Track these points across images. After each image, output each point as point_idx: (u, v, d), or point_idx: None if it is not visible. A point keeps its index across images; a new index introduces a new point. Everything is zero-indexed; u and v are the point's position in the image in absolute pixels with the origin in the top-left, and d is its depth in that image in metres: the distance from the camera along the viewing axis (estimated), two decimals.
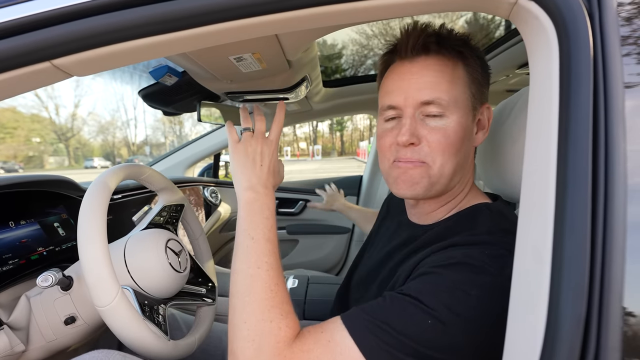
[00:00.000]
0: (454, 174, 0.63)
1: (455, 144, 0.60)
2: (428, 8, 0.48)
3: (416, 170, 0.62)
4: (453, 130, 0.60)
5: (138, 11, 0.45)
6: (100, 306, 0.63)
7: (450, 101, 0.60)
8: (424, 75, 0.61)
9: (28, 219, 0.92)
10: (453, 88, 0.60)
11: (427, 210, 0.70)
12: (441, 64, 0.61)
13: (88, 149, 63.14)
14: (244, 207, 0.63)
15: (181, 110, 1.42)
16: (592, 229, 0.36)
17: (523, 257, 0.42)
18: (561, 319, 0.35)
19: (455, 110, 0.60)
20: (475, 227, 0.60)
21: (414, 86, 0.61)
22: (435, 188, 0.63)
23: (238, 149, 0.69)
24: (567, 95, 0.39)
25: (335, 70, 2.11)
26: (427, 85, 0.60)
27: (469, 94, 0.62)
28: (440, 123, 0.60)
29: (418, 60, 0.62)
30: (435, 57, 0.61)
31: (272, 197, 0.66)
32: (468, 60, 0.62)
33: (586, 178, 0.36)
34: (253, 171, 0.66)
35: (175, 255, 0.84)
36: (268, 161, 0.68)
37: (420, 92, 0.60)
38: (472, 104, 0.62)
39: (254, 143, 0.68)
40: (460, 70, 0.62)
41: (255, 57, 0.86)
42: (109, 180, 0.72)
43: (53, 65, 0.46)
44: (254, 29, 0.49)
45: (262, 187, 0.65)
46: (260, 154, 0.68)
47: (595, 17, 0.39)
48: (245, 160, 0.67)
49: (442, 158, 0.60)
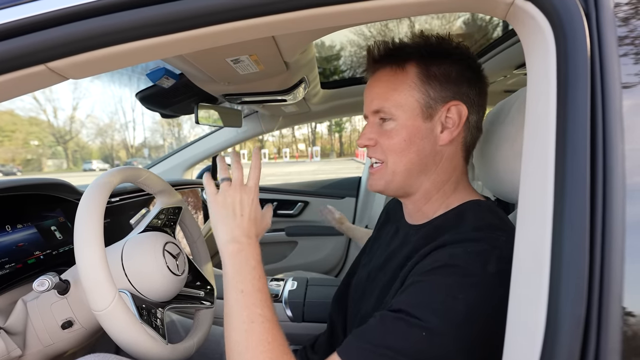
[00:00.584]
0: (408, 172, 0.67)
1: (401, 144, 0.65)
2: (424, 9, 0.48)
3: (376, 174, 0.70)
4: (397, 132, 0.66)
5: (133, 13, 0.44)
6: (97, 310, 0.62)
7: (392, 107, 0.65)
8: (374, 87, 0.69)
9: (25, 222, 0.92)
10: (396, 94, 0.66)
11: (411, 209, 0.73)
12: (388, 74, 0.67)
13: (86, 151, 63.06)
14: (228, 260, 0.62)
15: (179, 113, 1.42)
16: (590, 229, 0.35)
17: (522, 258, 0.42)
18: (560, 320, 0.34)
19: (401, 113, 0.65)
20: (462, 224, 0.62)
21: (368, 98, 0.70)
22: (394, 185, 0.69)
23: (217, 201, 0.67)
24: (565, 96, 0.38)
25: (334, 72, 2.11)
26: (375, 97, 0.68)
27: (418, 96, 0.65)
28: (387, 126, 0.67)
29: (375, 74, 0.70)
30: (384, 68, 0.68)
31: (256, 246, 0.65)
32: (419, 62, 0.66)
33: (584, 178, 0.36)
34: (234, 222, 0.65)
35: (173, 258, 0.84)
36: (248, 210, 0.66)
37: (371, 103, 0.69)
38: (423, 106, 0.65)
39: (232, 193, 0.67)
40: (410, 75, 0.66)
41: (252, 59, 0.86)
42: (106, 184, 0.72)
43: (48, 68, 0.46)
44: (250, 30, 0.49)
45: (245, 238, 0.64)
46: (240, 204, 0.66)
47: (592, 17, 0.39)
48: (224, 211, 0.66)
49: (392, 157, 0.67)
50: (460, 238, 0.57)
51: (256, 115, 2.06)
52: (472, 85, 0.66)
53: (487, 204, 0.66)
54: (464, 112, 0.65)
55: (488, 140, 0.73)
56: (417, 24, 2.15)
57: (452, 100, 0.65)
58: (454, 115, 0.65)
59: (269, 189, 2.42)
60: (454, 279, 0.51)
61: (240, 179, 0.69)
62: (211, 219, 0.67)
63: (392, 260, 0.70)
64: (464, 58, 0.67)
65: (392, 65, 0.67)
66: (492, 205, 0.66)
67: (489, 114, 0.78)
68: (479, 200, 0.67)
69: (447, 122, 0.66)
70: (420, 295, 0.53)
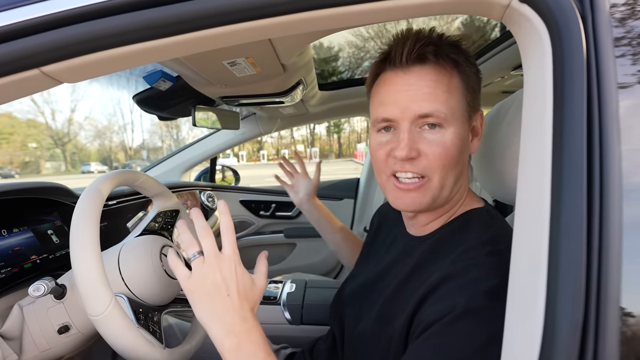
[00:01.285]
0: (454, 184, 0.61)
1: (455, 157, 0.58)
2: (421, 11, 0.48)
3: (418, 192, 0.60)
4: (452, 143, 0.58)
5: (128, 17, 0.44)
6: (93, 315, 0.62)
7: (448, 113, 0.57)
8: (421, 87, 0.58)
9: (21, 226, 0.91)
10: (450, 99, 0.58)
11: (424, 222, 0.68)
12: (438, 73, 0.58)
13: (85, 153, 62.96)
14: (228, 359, 0.53)
15: (176, 115, 1.42)
16: (588, 232, 0.35)
17: (519, 263, 0.42)
18: (558, 326, 0.34)
19: (453, 122, 0.58)
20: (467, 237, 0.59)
21: (411, 98, 0.58)
22: (438, 202, 0.62)
23: (192, 286, 0.55)
24: (561, 98, 0.38)
25: (332, 73, 2.11)
26: (424, 97, 0.57)
27: (464, 103, 0.60)
28: (438, 136, 0.58)
29: (413, 69, 0.59)
30: (431, 66, 0.58)
31: (257, 329, 0.54)
32: (463, 68, 0.60)
33: (581, 180, 0.36)
34: (221, 307, 0.54)
35: None
36: (234, 285, 0.55)
37: (418, 105, 0.57)
38: (468, 113, 0.60)
39: (208, 270, 0.54)
40: (456, 79, 0.59)
41: (249, 61, 0.86)
42: (102, 187, 0.71)
43: (42, 73, 0.46)
44: (246, 33, 0.48)
45: (240, 324, 0.53)
46: (223, 281, 0.54)
47: (588, 19, 0.39)
48: (206, 297, 0.54)
49: (442, 171, 0.59)
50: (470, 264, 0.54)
51: (254, 117, 2.06)
52: (480, 93, 0.65)
53: (487, 212, 0.64)
54: (483, 121, 0.65)
55: (486, 142, 0.72)
56: (414, 25, 2.16)
57: (479, 109, 0.64)
58: (478, 124, 0.64)
59: (267, 190, 2.42)
60: (475, 329, 0.48)
61: (214, 250, 0.56)
62: (193, 309, 0.55)
63: (392, 271, 0.69)
64: (476, 66, 0.64)
65: (440, 64, 0.58)
66: (492, 212, 0.65)
67: (487, 115, 0.78)
68: (479, 208, 0.65)
69: (474, 131, 0.64)
70: (442, 351, 0.48)
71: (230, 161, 35.15)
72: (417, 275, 0.61)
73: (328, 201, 2.40)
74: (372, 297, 0.70)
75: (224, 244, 0.57)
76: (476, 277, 0.52)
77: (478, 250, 0.56)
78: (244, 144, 3.07)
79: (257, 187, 2.43)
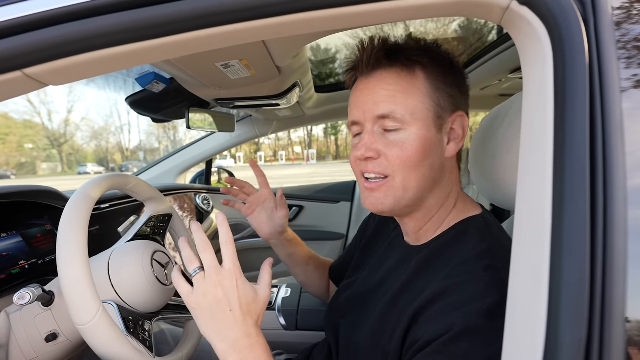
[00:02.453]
0: (421, 187, 0.61)
1: (414, 157, 0.59)
2: (418, 13, 0.46)
3: (380, 191, 0.61)
4: (411, 144, 0.58)
5: (115, 17, 0.43)
6: (79, 324, 0.60)
7: (406, 113, 0.58)
8: (379, 90, 0.60)
9: (9, 231, 0.89)
10: (409, 100, 0.59)
11: (412, 228, 0.67)
12: (396, 76, 0.60)
13: (81, 154, 62.70)
14: None
15: (170, 117, 1.40)
16: (591, 242, 0.34)
17: (519, 276, 0.40)
18: (560, 344, 0.33)
19: (413, 123, 0.59)
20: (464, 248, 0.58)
21: (370, 101, 0.60)
22: (402, 204, 0.61)
23: (194, 303, 0.55)
24: (563, 102, 0.37)
25: (330, 75, 2.10)
26: (381, 99, 0.59)
27: (429, 103, 0.60)
28: (398, 137, 0.59)
29: (374, 74, 0.61)
30: (389, 69, 0.60)
31: (261, 344, 0.55)
32: (428, 68, 0.60)
33: (584, 188, 0.35)
34: (225, 323, 0.54)
35: (162, 267, 0.81)
36: (236, 299, 0.55)
37: (376, 107, 0.60)
38: (435, 113, 0.60)
39: (209, 286, 0.55)
40: (419, 80, 0.60)
41: (243, 63, 0.85)
42: (92, 192, 0.70)
43: (25, 75, 0.44)
44: (239, 35, 0.47)
45: (244, 339, 0.54)
46: (225, 296, 0.54)
47: (590, 22, 0.38)
48: (209, 313, 0.54)
49: (402, 172, 0.59)
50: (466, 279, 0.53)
51: (250, 119, 2.04)
52: (466, 96, 0.65)
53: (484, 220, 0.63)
54: (465, 123, 0.63)
55: (484, 146, 0.71)
56: (412, 28, 2.15)
57: (457, 110, 0.62)
58: (458, 126, 0.63)
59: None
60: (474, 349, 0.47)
61: (214, 264, 0.56)
62: (197, 324, 0.56)
63: (388, 280, 0.67)
64: (460, 68, 0.64)
65: (398, 66, 0.60)
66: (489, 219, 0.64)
67: (484, 119, 0.77)
68: (476, 216, 0.64)
69: (452, 134, 0.63)
70: None
71: (228, 163, 35.10)
72: (412, 286, 0.60)
73: (324, 204, 2.39)
74: (369, 306, 0.68)
75: (224, 257, 0.57)
76: (474, 294, 0.51)
77: (474, 264, 0.54)
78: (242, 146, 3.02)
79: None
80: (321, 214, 2.36)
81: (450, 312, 0.50)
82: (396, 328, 0.57)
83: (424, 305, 0.54)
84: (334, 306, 0.81)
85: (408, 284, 0.61)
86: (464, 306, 0.50)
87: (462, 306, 0.50)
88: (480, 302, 0.49)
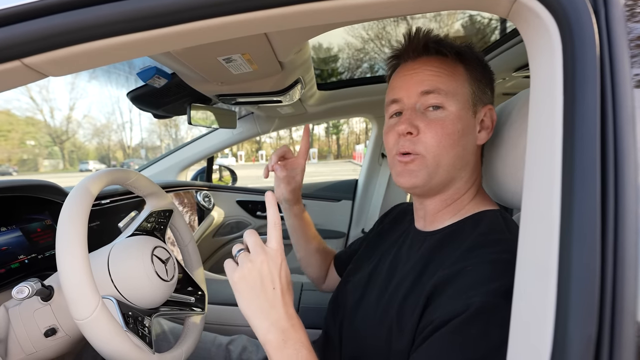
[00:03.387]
0: (452, 165, 0.63)
1: (452, 135, 0.61)
2: (424, 7, 0.45)
3: (414, 164, 0.63)
4: (450, 121, 0.61)
5: (115, 7, 0.42)
6: (78, 319, 0.59)
7: (449, 91, 0.62)
8: (424, 70, 0.64)
9: (9, 225, 0.89)
10: (452, 80, 0.63)
11: (431, 210, 0.69)
12: (441, 62, 0.64)
13: (83, 152, 62.80)
14: (274, 355, 0.52)
15: (172, 113, 1.40)
16: (602, 239, 0.33)
17: (525, 272, 0.39)
18: (569, 341, 0.32)
19: (454, 102, 0.62)
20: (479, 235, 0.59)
21: (415, 79, 0.64)
22: (435, 180, 0.64)
23: (239, 280, 0.55)
24: (572, 98, 0.36)
25: (331, 74, 2.09)
26: (427, 77, 0.63)
27: (469, 89, 0.64)
28: (438, 114, 0.62)
29: (420, 59, 0.66)
30: (435, 56, 0.65)
31: (302, 327, 0.55)
32: (468, 61, 0.65)
33: (594, 186, 0.34)
34: (267, 302, 0.54)
35: (162, 263, 0.81)
36: (279, 279, 0.55)
37: (420, 84, 0.63)
38: (472, 100, 0.64)
39: (254, 265, 0.55)
40: (460, 68, 0.65)
41: (245, 58, 0.84)
42: (92, 186, 0.69)
43: (24, 65, 0.43)
44: (241, 26, 0.46)
45: (286, 320, 0.53)
46: (269, 273, 0.54)
47: (601, 14, 0.37)
48: (251, 291, 0.54)
49: (437, 149, 0.61)
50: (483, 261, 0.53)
51: (252, 117, 2.03)
52: (493, 95, 0.69)
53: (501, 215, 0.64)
54: (494, 116, 0.67)
55: (489, 144, 0.71)
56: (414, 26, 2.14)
57: (489, 104, 0.67)
58: (488, 119, 0.66)
59: (264, 191, 2.39)
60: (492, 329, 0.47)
61: (259, 243, 0.57)
62: (238, 303, 0.55)
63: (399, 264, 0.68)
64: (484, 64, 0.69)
65: (444, 54, 0.65)
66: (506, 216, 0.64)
67: None
68: (493, 210, 0.65)
69: (482, 124, 0.66)
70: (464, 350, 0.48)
71: (229, 161, 35.12)
72: (425, 268, 0.61)
73: (326, 202, 2.38)
74: (377, 289, 0.69)
75: (270, 237, 0.58)
76: (491, 275, 0.51)
77: (492, 248, 0.55)
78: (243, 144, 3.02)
79: (254, 188, 2.41)
80: (322, 212, 2.35)
81: (467, 291, 0.51)
82: (409, 309, 0.57)
83: (439, 284, 0.54)
84: (341, 291, 0.81)
85: (421, 266, 0.62)
86: (482, 286, 0.50)
87: (480, 286, 0.50)
88: (497, 282, 0.49)
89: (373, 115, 2.18)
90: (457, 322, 0.49)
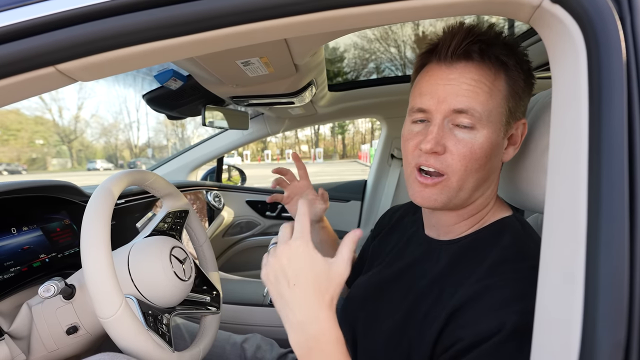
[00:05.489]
0: (475, 188, 0.59)
1: (480, 160, 0.56)
2: (445, 11, 0.46)
3: (436, 188, 0.59)
4: (480, 146, 0.56)
5: (145, 15, 0.43)
6: (103, 317, 0.61)
7: (483, 114, 0.55)
8: (461, 83, 0.56)
9: (30, 225, 0.91)
10: (489, 101, 0.56)
11: (446, 222, 0.65)
12: (481, 73, 0.56)
13: (91, 151, 63.42)
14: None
15: (186, 114, 1.41)
16: (630, 246, 0.33)
17: (549, 276, 0.39)
18: (598, 347, 0.32)
19: (487, 125, 0.56)
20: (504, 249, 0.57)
21: (449, 92, 0.56)
22: (454, 202, 0.60)
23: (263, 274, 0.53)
24: (598, 102, 0.36)
25: (337, 74, 2.09)
26: (462, 93, 0.55)
27: (505, 108, 0.57)
28: (468, 136, 0.56)
29: (457, 65, 0.57)
30: (476, 64, 0.56)
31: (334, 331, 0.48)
32: (511, 72, 0.57)
33: (622, 189, 0.34)
34: (285, 302, 0.49)
35: (180, 263, 0.82)
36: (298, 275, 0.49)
37: (454, 99, 0.55)
38: (506, 119, 0.58)
39: (275, 259, 0.51)
40: (501, 82, 0.57)
41: (263, 61, 0.85)
42: (113, 187, 0.71)
43: (57, 70, 0.45)
44: (263, 33, 0.47)
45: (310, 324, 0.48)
46: (289, 269, 0.50)
47: (627, 20, 0.37)
48: (275, 288, 0.51)
49: (463, 173, 0.57)
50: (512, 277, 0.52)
51: (262, 117, 2.05)
52: (527, 101, 0.62)
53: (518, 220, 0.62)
54: (525, 131, 0.61)
55: None
56: (420, 27, 2.13)
57: (522, 118, 0.61)
58: (518, 133, 0.61)
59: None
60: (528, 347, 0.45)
61: (287, 236, 0.53)
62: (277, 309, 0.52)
63: (411, 273, 0.66)
64: (528, 72, 0.60)
65: (486, 64, 0.56)
66: (522, 220, 0.63)
67: None
68: (510, 217, 0.63)
69: (511, 139, 0.61)
70: None
71: (235, 160, 35.19)
72: (446, 280, 0.59)
73: (335, 202, 2.38)
74: (389, 298, 0.67)
75: (295, 229, 0.53)
76: (522, 292, 0.49)
77: (519, 264, 0.54)
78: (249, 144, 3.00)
79: (264, 188, 2.42)
80: (331, 213, 2.35)
81: (499, 309, 0.49)
82: (428, 322, 0.56)
83: (464, 302, 0.52)
84: (351, 300, 0.79)
85: (441, 278, 0.60)
86: (514, 305, 0.48)
87: (512, 304, 0.49)
88: (530, 301, 0.46)
89: (382, 116, 2.18)
90: (494, 342, 0.47)
